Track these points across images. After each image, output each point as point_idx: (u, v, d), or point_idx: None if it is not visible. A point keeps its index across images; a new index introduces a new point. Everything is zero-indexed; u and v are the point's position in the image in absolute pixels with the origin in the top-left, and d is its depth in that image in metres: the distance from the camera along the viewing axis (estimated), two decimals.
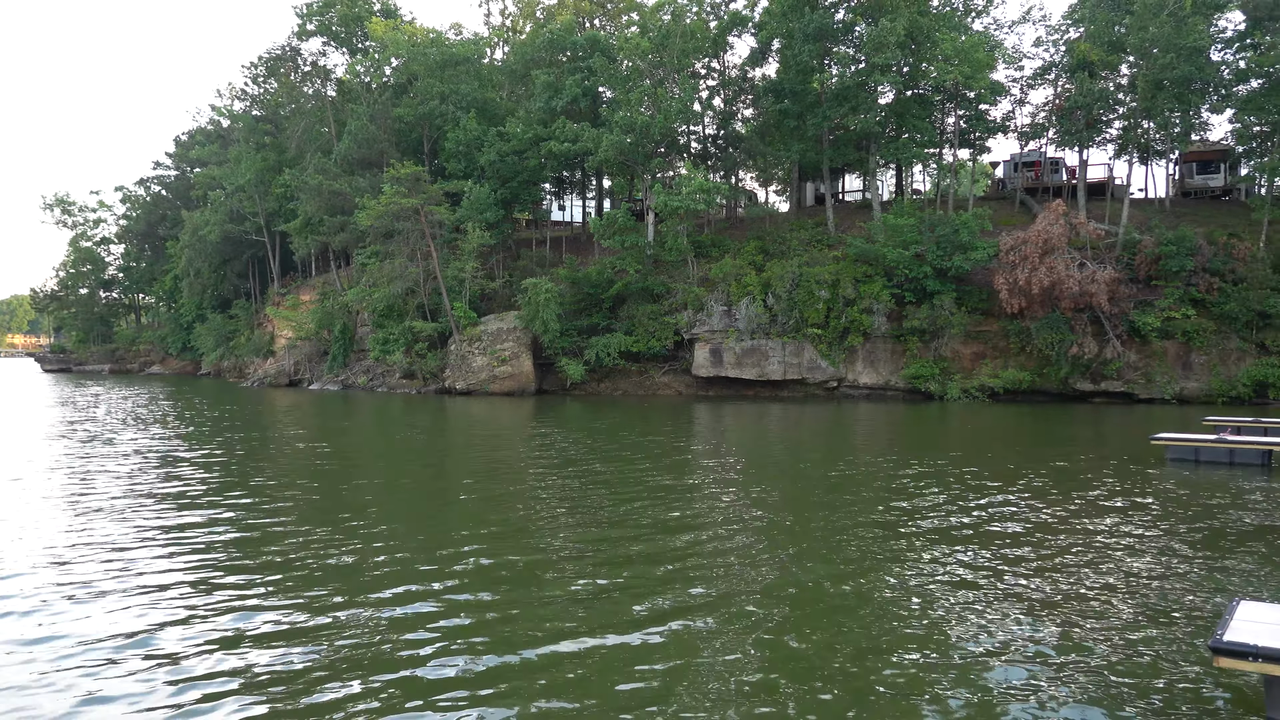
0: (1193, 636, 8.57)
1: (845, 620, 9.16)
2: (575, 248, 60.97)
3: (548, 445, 25.11)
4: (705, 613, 9.44)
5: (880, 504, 15.78)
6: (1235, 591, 10.14)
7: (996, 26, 58.17)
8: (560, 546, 12.52)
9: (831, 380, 47.98)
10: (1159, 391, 42.80)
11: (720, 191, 52.40)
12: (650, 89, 50.95)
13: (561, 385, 52.34)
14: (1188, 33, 44.00)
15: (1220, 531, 13.43)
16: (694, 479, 18.88)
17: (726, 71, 58.80)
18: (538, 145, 54.90)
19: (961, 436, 28.48)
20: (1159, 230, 45.61)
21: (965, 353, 46.49)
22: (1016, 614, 9.38)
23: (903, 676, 7.65)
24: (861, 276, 47.45)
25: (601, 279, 52.28)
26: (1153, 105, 46.31)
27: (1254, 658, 6.39)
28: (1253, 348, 43.09)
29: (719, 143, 58.07)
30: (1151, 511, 15.05)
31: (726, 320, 49.12)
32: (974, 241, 45.84)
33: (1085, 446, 25.04)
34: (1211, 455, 21.43)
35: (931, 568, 11.29)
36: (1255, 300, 42.50)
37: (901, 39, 47.62)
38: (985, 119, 54.06)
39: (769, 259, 50.49)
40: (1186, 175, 56.70)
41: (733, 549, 12.38)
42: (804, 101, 51.18)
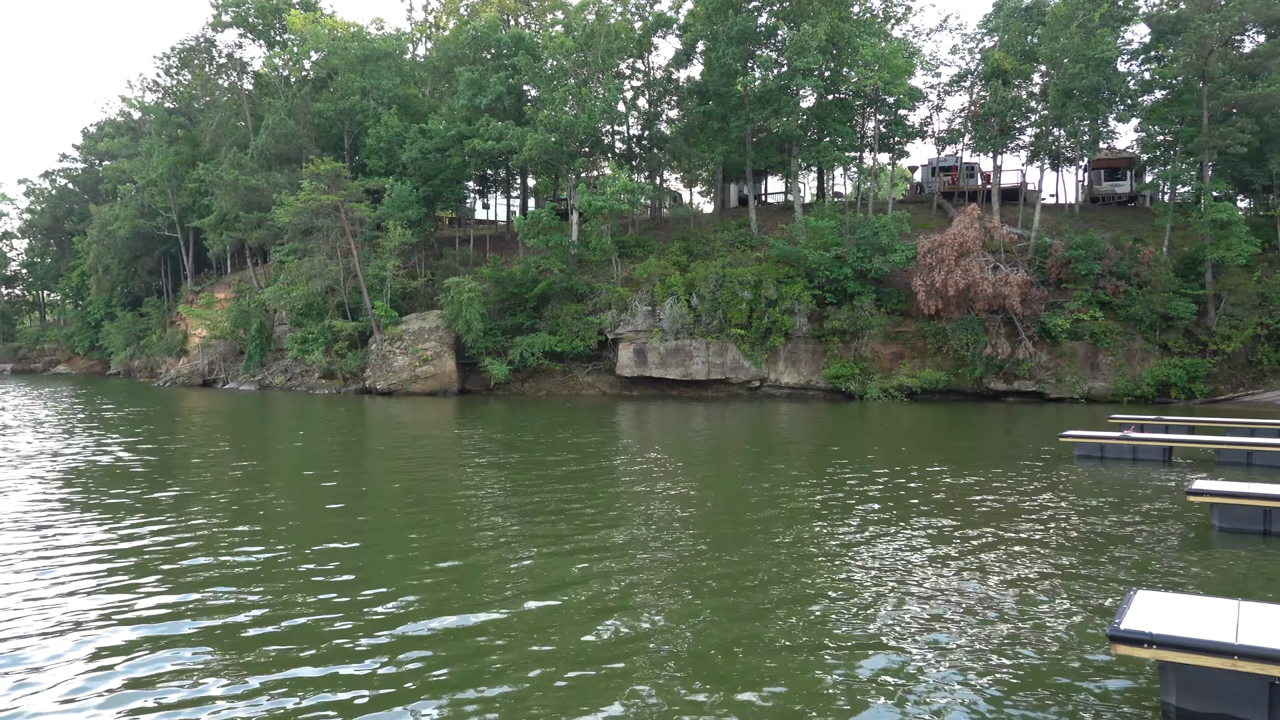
0: (1094, 625, 8.82)
1: (768, 620, 9.21)
2: (499, 247, 60.52)
3: (470, 446, 24.85)
4: (632, 613, 9.42)
5: (797, 502, 15.94)
6: (1134, 582, 10.48)
7: (915, 34, 59.42)
8: (484, 549, 12.39)
9: (754, 380, 48.43)
10: (1068, 391, 44.13)
11: (645, 192, 52.52)
12: (575, 88, 50.83)
13: (485, 385, 51.90)
14: (1096, 44, 45.45)
15: (1122, 525, 13.87)
16: (618, 478, 18.85)
17: (651, 72, 59.00)
18: (461, 143, 54.35)
19: (879, 435, 28.98)
20: (1068, 235, 47.02)
21: (884, 353, 47.33)
22: (924, 606, 9.54)
23: (805, 668, 7.72)
24: (783, 277, 48.00)
25: (525, 278, 51.99)
26: (1063, 113, 47.72)
27: (1148, 645, 6.60)
28: (1156, 349, 44.71)
29: (644, 143, 58.21)
30: (1058, 506, 15.48)
31: (650, 320, 49.25)
32: (893, 244, 46.71)
33: (997, 444, 25.68)
34: (1116, 452, 22.16)
35: (840, 562, 11.44)
36: (1159, 303, 44.10)
37: (823, 44, 48.30)
38: (904, 124, 55.12)
39: (693, 259, 50.78)
40: (1095, 182, 58.60)
41: (652, 547, 12.39)
42: (728, 104, 51.59)
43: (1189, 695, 6.61)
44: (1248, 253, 44.44)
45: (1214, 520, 13.50)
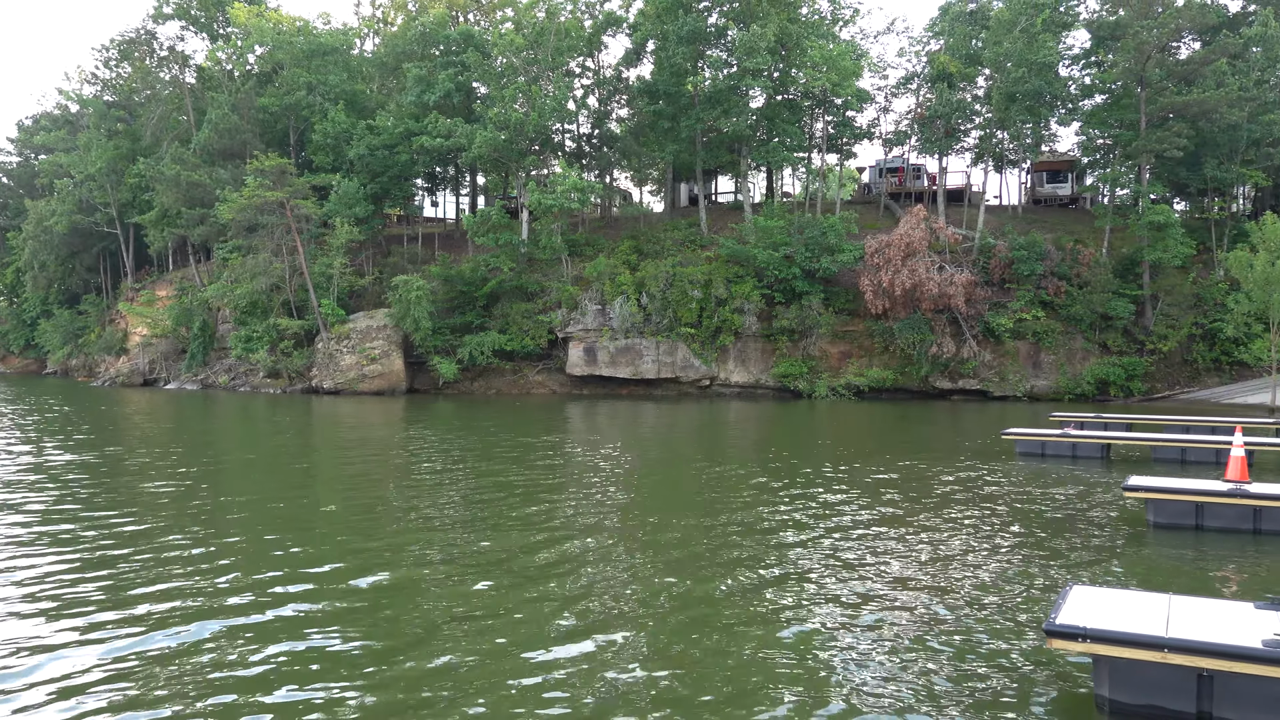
0: (1032, 620, 8.99)
1: (716, 610, 9.25)
2: (448, 245, 60.05)
3: (419, 445, 24.63)
4: (578, 615, 9.40)
5: (742, 499, 16.03)
6: (1071, 577, 10.69)
7: (863, 36, 60.26)
8: (432, 552, 12.28)
9: (704, 379, 48.62)
10: (1011, 389, 44.92)
11: (595, 190, 52.47)
12: (525, 86, 50.62)
13: (434, 384, 51.50)
14: (1038, 49, 46.29)
15: (1060, 521, 14.15)
16: (568, 477, 18.81)
17: (601, 71, 58.95)
18: (409, 140, 53.84)
19: (826, 433, 29.26)
20: (1011, 236, 47.86)
21: (832, 352, 47.79)
22: (863, 599, 9.65)
23: (743, 662, 7.77)
24: (733, 277, 48.26)
25: (475, 277, 51.68)
26: (1006, 116, 48.55)
27: (1083, 639, 6.73)
28: (1096, 348, 45.69)
29: (594, 142, 58.15)
30: (999, 503, 15.75)
31: (601, 319, 49.23)
32: (841, 244, 47.18)
33: (942, 441, 26.06)
34: (1056, 449, 22.59)
35: (784, 556, 11.53)
36: (1098, 303, 45.06)
37: (772, 45, 48.62)
38: (852, 125, 55.71)
39: (643, 258, 50.84)
40: (1037, 184, 59.72)
41: (603, 547, 12.37)
42: (678, 103, 51.72)
43: (1121, 687, 6.76)
44: (1183, 254, 45.58)
45: (1149, 515, 13.82)
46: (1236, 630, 6.65)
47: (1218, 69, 45.70)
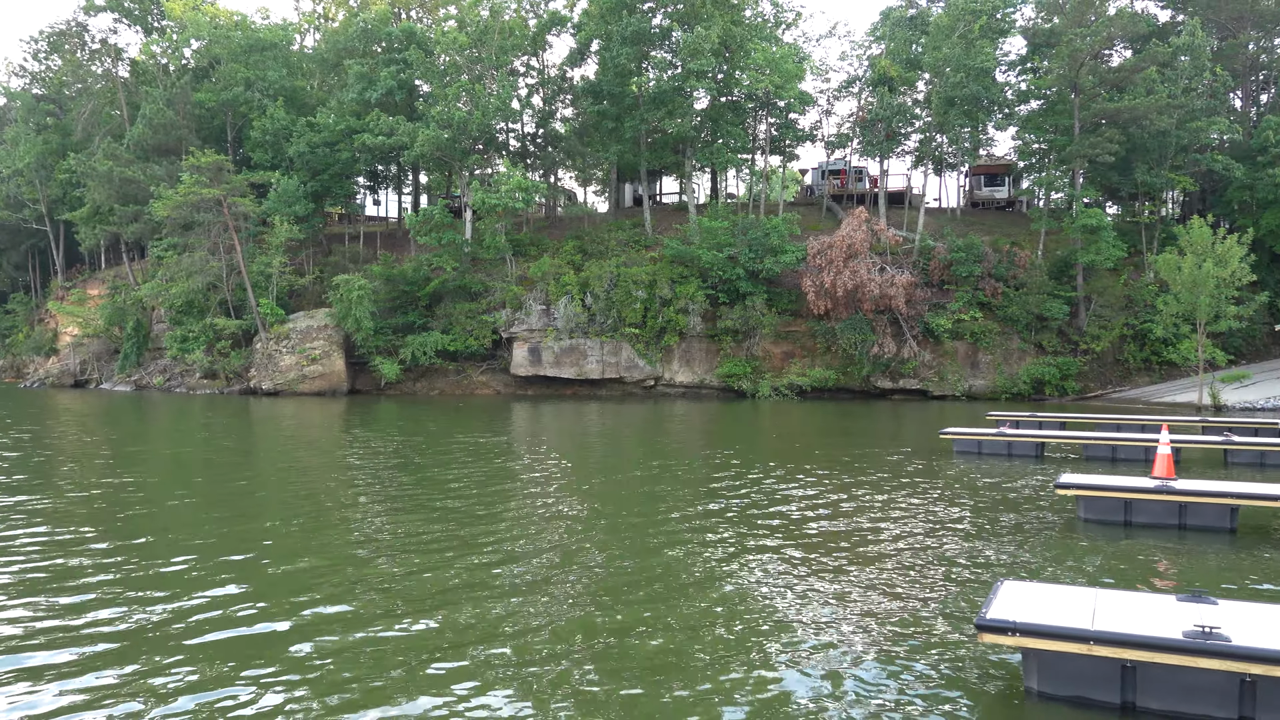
0: (964, 615, 9.15)
1: (647, 613, 9.27)
2: (390, 244, 59.44)
3: (359, 447, 24.33)
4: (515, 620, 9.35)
5: (685, 497, 16.09)
6: (1004, 572, 10.90)
7: (805, 40, 60.83)
8: (369, 557, 12.13)
9: (649, 379, 48.72)
10: (950, 389, 45.68)
11: (539, 190, 52.31)
12: (468, 84, 50.29)
13: (376, 385, 50.93)
14: (976, 54, 47.15)
15: (994, 517, 14.42)
16: (511, 478, 18.72)
17: (546, 70, 58.77)
18: (350, 137, 53.21)
19: (769, 433, 29.48)
20: (950, 238, 48.67)
21: (776, 352, 48.18)
22: (798, 597, 9.74)
23: (671, 656, 7.80)
24: (677, 277, 48.43)
25: (418, 276, 51.22)
26: (945, 120, 49.36)
27: (1012, 633, 6.87)
28: (1032, 348, 46.66)
29: (538, 141, 57.96)
30: (935, 501, 16.01)
31: (545, 319, 49.10)
32: (784, 245, 47.59)
33: (882, 441, 26.40)
34: (993, 448, 23.02)
35: (722, 553, 11.59)
36: (1034, 304, 46.02)
37: (716, 47, 48.90)
38: (794, 127, 56.23)
39: (587, 259, 50.80)
40: (975, 187, 60.80)
41: (545, 550, 12.33)
42: (622, 104, 51.77)
43: (1049, 680, 6.91)
44: (1115, 257, 46.74)
45: (1080, 512, 14.13)
46: (1159, 622, 6.83)
47: (1148, 77, 46.94)
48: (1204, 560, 11.63)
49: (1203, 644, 6.38)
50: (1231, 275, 39.84)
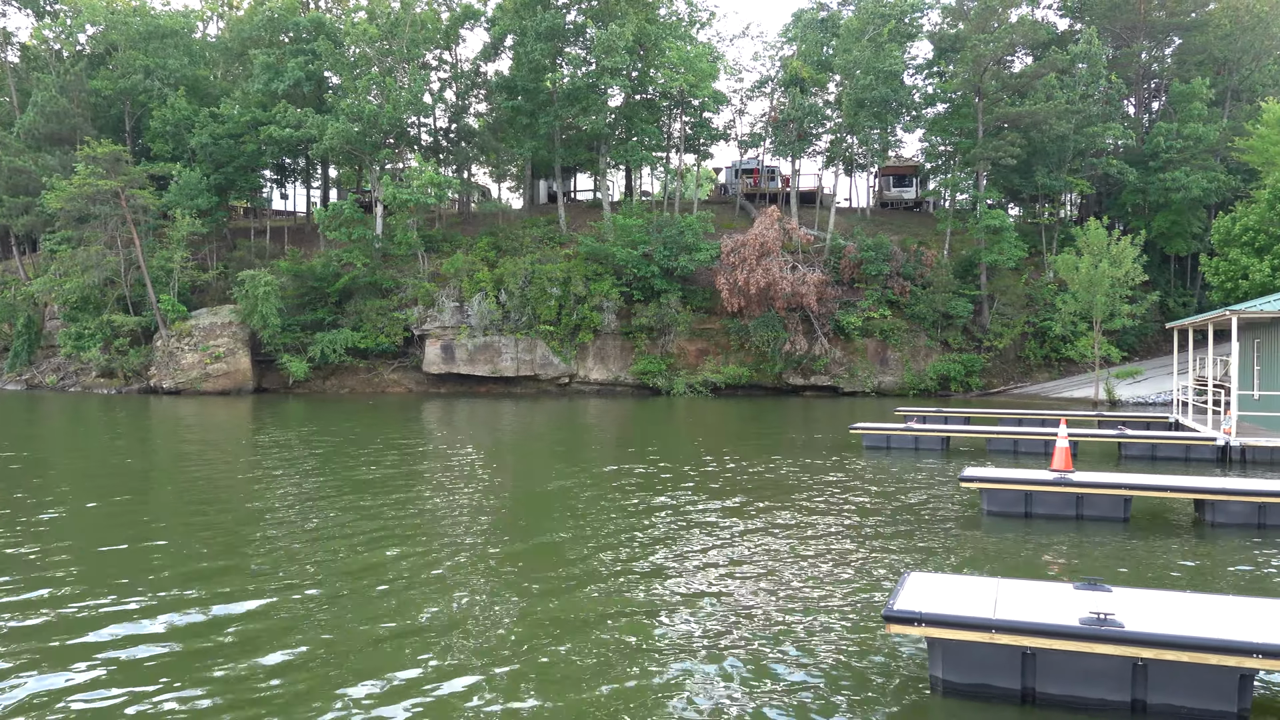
0: (872, 607, 9.30)
1: (559, 606, 9.19)
2: (299, 239, 58.03)
3: (265, 447, 23.67)
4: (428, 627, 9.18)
5: (595, 492, 16.04)
6: (912, 564, 11.13)
7: (719, 39, 61.36)
8: (272, 558, 11.79)
9: (564, 376, 48.56)
10: (860, 385, 46.57)
11: (452, 186, 51.71)
12: (379, 77, 49.38)
13: (283, 383, 49.69)
14: (884, 58, 48.14)
15: (902, 511, 14.72)
16: (421, 478, 18.42)
17: (459, 65, 58.05)
18: (256, 129, 51.76)
19: (683, 429, 29.63)
20: (860, 237, 49.62)
21: (690, 349, 48.47)
22: (709, 590, 9.79)
23: (582, 656, 7.76)
24: (592, 274, 48.36)
25: (327, 272, 50.12)
26: (855, 122, 50.29)
27: (918, 623, 6.99)
28: (938, 345, 47.87)
29: (451, 136, 57.22)
30: (845, 495, 16.27)
31: (458, 316, 48.55)
32: (698, 243, 47.90)
33: (793, 436, 26.76)
34: (900, 442, 23.53)
35: (632, 549, 11.59)
36: (940, 302, 47.22)
37: (630, 44, 48.94)
38: (708, 126, 56.61)
39: (502, 255, 50.39)
40: (884, 187, 62.11)
41: (457, 548, 12.15)
42: (536, 99, 51.46)
43: (954, 668, 7.05)
44: (1016, 257, 48.25)
45: (983, 504, 14.52)
46: (1057, 610, 7.03)
47: (1047, 83, 48.52)
48: (1099, 549, 12.04)
49: (1098, 630, 6.58)
50: (1125, 275, 41.46)
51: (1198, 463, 21.11)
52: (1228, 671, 6.41)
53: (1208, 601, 7.30)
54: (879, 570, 10.87)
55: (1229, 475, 18.87)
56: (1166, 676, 6.56)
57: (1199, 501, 14.03)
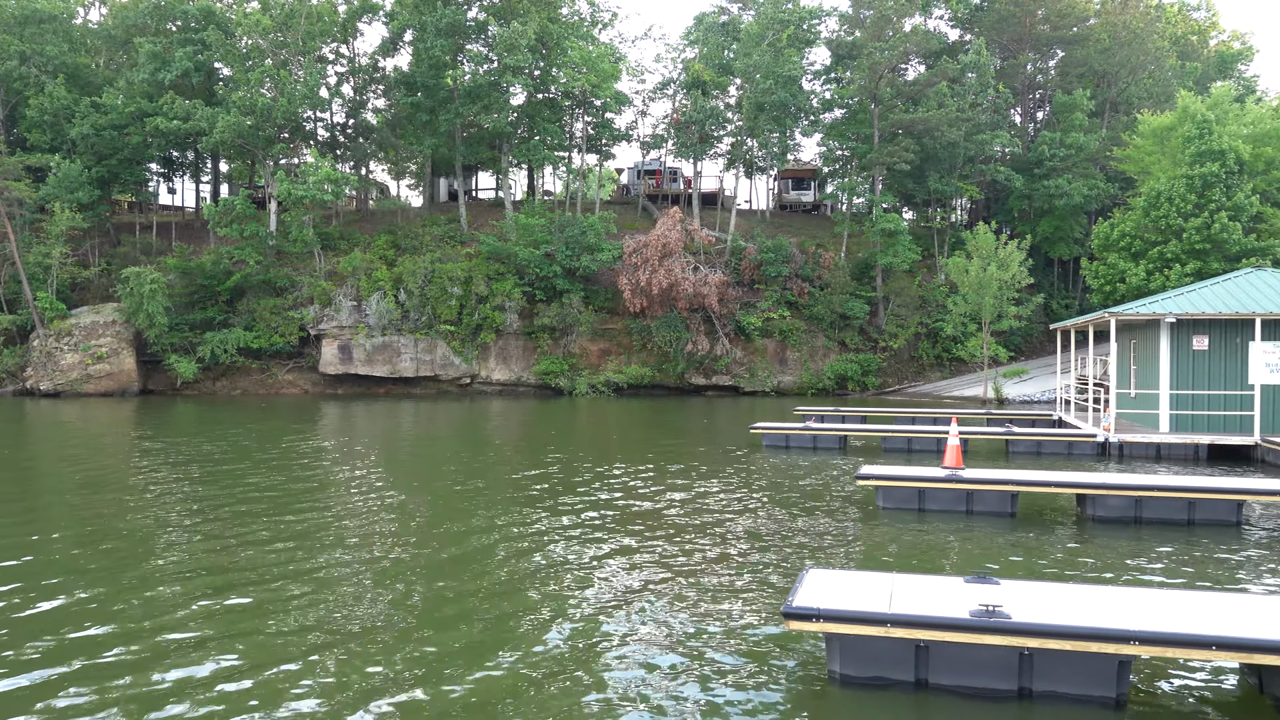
0: (772, 604, 9.42)
1: (457, 606, 9.06)
2: (187, 235, 56.00)
3: (147, 451, 22.76)
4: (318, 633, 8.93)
5: (496, 493, 15.89)
6: (812, 561, 11.31)
7: (621, 40, 61.44)
8: (164, 567, 11.32)
9: (465, 377, 48.02)
10: (761, 385, 47.26)
11: (349, 182, 50.65)
12: (272, 70, 48.02)
13: (171, 385, 47.92)
14: (784, 63, 48.97)
15: (801, 509, 14.96)
16: (314, 481, 17.95)
17: (357, 59, 56.86)
18: (142, 120, 49.77)
19: (585, 430, 29.59)
20: (760, 239, 50.37)
21: (593, 349, 48.47)
22: (608, 592, 9.78)
23: (478, 651, 7.68)
24: (494, 274, 47.96)
25: (218, 270, 48.52)
26: (755, 125, 51.02)
27: (816, 619, 7.10)
28: (836, 345, 48.91)
29: (348, 132, 56.01)
30: (746, 494, 16.46)
31: (356, 316, 47.57)
32: (600, 243, 47.94)
33: (695, 436, 26.98)
34: (799, 441, 23.95)
35: (530, 550, 11.52)
36: (838, 304, 48.26)
37: (532, 43, 48.68)
38: (611, 127, 56.72)
39: (401, 254, 49.57)
40: (784, 190, 63.15)
41: (354, 560, 11.86)
42: (437, 96, 50.77)
43: (851, 662, 7.18)
44: (910, 259, 49.62)
45: (879, 501, 14.86)
46: (949, 603, 7.23)
47: (939, 91, 50.04)
48: (989, 543, 12.44)
49: (986, 622, 6.79)
50: (1012, 278, 43.05)
51: (1079, 458, 22.02)
52: (1107, 659, 6.69)
53: (1089, 592, 7.61)
54: (779, 568, 11.02)
55: (1108, 470, 19.73)
56: (1051, 664, 6.81)
57: (1080, 496, 14.61)
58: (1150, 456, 22.01)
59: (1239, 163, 40.91)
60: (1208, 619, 6.86)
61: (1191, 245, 39.49)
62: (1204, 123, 40.68)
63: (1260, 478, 17.50)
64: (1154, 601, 7.34)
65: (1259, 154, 43.35)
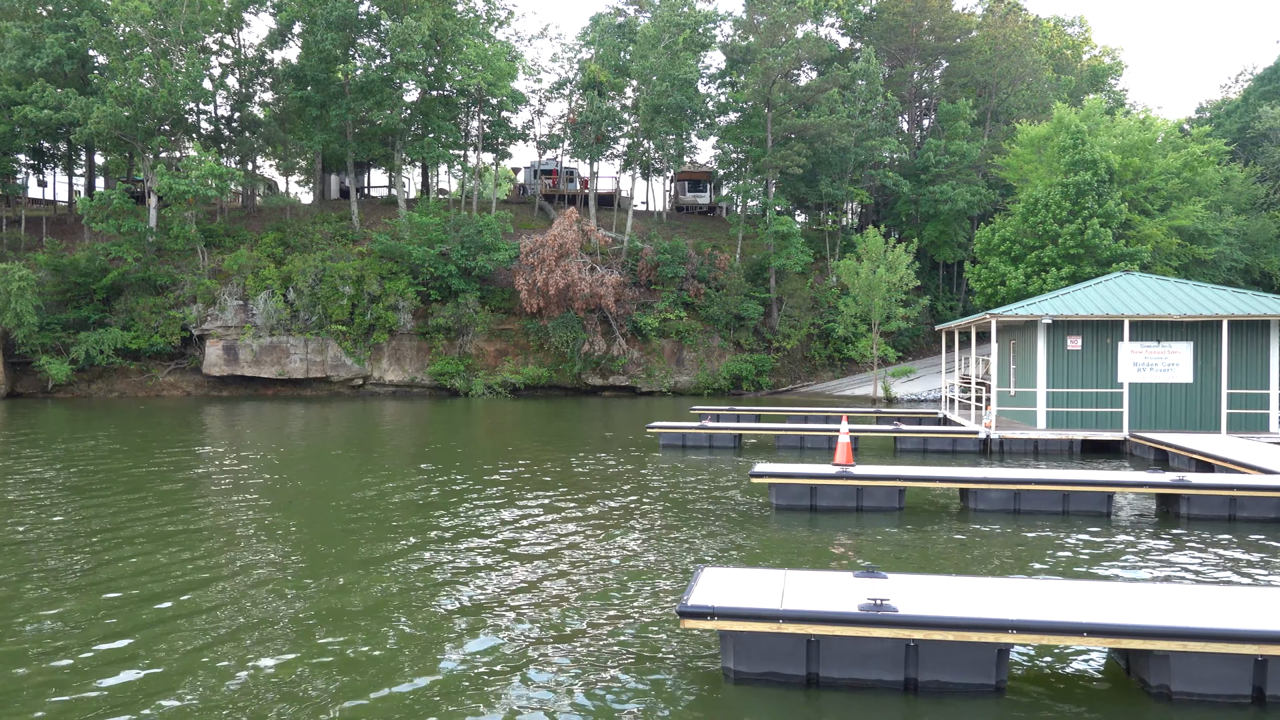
0: (668, 603, 9.48)
1: (347, 607, 8.86)
2: (60, 230, 53.31)
3: (11, 457, 21.60)
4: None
5: (390, 497, 15.61)
6: (710, 559, 11.42)
7: (518, 39, 60.98)
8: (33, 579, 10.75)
9: (357, 378, 47.02)
10: (658, 385, 47.56)
11: (235, 177, 48.99)
12: (151, 59, 46.12)
13: (42, 387, 45.60)
14: (680, 66, 49.38)
15: (697, 507, 15.10)
16: (195, 487, 17.31)
17: (243, 50, 55.06)
18: (9, 109, 47.22)
19: (481, 431, 29.30)
20: (657, 240, 50.69)
21: (489, 350, 48.03)
22: (503, 593, 9.71)
23: (369, 662, 7.55)
24: (387, 273, 47.10)
25: (93, 267, 46.37)
26: (652, 127, 51.31)
27: (710, 616, 7.17)
28: (731, 346, 49.56)
29: (234, 125, 54.22)
30: (643, 494, 16.53)
31: (243, 315, 46.10)
32: (497, 243, 47.55)
33: (593, 436, 26.98)
34: (696, 441, 24.17)
35: (423, 553, 11.35)
36: (733, 305, 48.91)
37: (426, 39, 47.97)
38: (507, 126, 56.28)
39: (290, 252, 48.23)
40: (680, 192, 63.67)
41: (239, 568, 11.48)
42: (327, 91, 49.57)
43: (744, 658, 7.27)
44: (803, 262, 50.62)
45: (772, 499, 15.09)
46: (839, 598, 7.39)
47: (830, 97, 51.20)
48: (878, 537, 12.77)
49: (874, 615, 6.96)
50: (900, 280, 44.34)
51: (963, 454, 22.80)
52: (987, 647, 6.93)
53: (971, 583, 7.88)
54: (674, 567, 11.09)
55: (989, 465, 20.48)
56: (935, 655, 7.02)
57: (964, 490, 15.13)
58: (1029, 452, 22.93)
59: (1109, 172, 42.99)
60: (1079, 606, 7.18)
61: (1066, 250, 41.31)
62: (1077, 133, 42.61)
63: (1128, 471, 18.42)
64: (1030, 591, 7.65)
65: (1128, 164, 45.66)
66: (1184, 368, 23.54)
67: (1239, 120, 61.66)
